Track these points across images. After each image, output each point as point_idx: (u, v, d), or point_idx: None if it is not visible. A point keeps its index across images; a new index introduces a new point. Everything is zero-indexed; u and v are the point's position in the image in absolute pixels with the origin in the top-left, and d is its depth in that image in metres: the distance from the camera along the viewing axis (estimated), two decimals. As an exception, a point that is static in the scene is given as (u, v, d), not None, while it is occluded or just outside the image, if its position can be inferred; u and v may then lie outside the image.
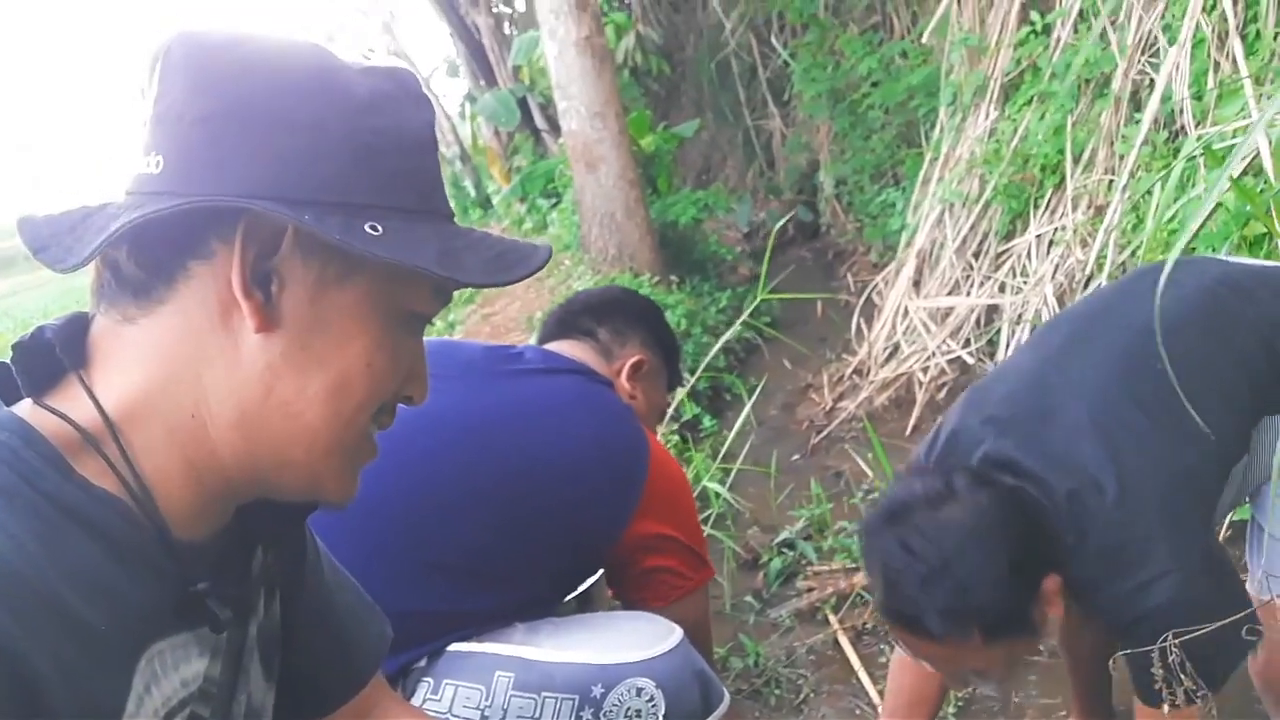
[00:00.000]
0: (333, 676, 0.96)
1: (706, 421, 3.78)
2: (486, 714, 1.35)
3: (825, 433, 3.68)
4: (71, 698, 0.57)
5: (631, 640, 1.41)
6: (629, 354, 1.79)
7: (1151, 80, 2.93)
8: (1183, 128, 2.73)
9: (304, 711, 0.95)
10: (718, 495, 2.73)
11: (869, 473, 3.16)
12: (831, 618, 2.57)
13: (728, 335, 2.96)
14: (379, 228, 0.67)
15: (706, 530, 2.71)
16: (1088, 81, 3.32)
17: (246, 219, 0.66)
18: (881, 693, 2.24)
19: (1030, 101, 3.58)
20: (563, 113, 4.98)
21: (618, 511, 1.54)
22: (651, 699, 1.37)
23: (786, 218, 4.13)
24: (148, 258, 0.67)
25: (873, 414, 3.68)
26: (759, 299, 2.59)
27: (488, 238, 0.76)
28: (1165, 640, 1.16)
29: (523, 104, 7.87)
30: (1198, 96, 2.66)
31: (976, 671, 1.40)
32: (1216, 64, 2.64)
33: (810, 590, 2.69)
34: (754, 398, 3.11)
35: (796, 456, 3.57)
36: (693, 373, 3.93)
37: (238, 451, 0.71)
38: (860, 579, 2.64)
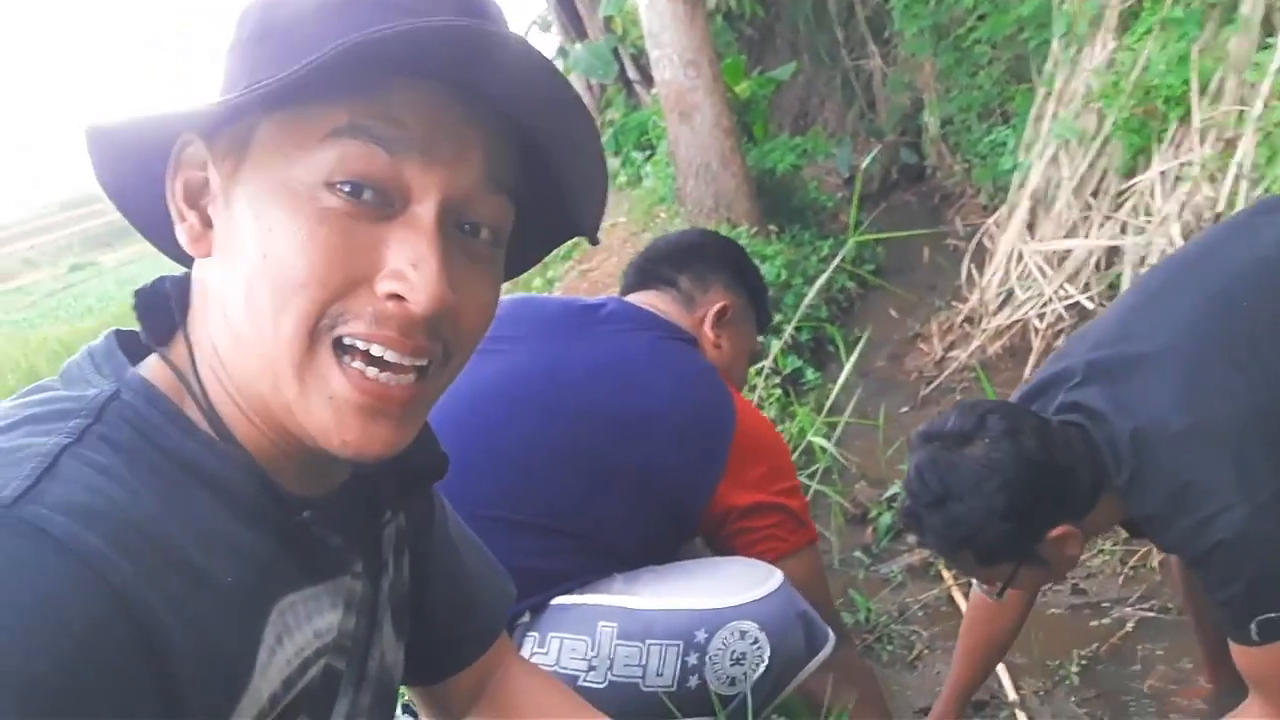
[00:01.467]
0: (460, 636, 0.97)
1: (809, 374, 3.73)
2: (594, 664, 1.36)
3: (935, 384, 3.58)
4: (198, 649, 0.57)
5: (732, 585, 1.41)
6: (712, 300, 1.73)
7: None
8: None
9: (432, 670, 0.97)
10: (823, 450, 2.69)
11: (981, 424, 3.06)
12: (945, 573, 2.52)
13: (820, 281, 2.88)
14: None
15: (813, 486, 2.68)
16: (1214, 6, 3.10)
17: (180, 141, 0.66)
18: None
19: (1151, 30, 3.36)
20: (655, 62, 4.91)
21: (702, 475, 1.51)
22: (755, 641, 1.37)
23: (870, 156, 4.00)
24: (188, 200, 0.68)
25: (986, 363, 3.56)
26: (851, 240, 2.52)
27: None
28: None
29: (614, 55, 7.79)
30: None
31: (980, 578, 1.62)
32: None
33: (922, 545, 2.64)
34: (859, 348, 3.03)
35: (905, 409, 3.50)
36: (797, 327, 3.87)
37: (249, 394, 0.67)
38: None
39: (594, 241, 0.76)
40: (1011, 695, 2.08)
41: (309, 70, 0.57)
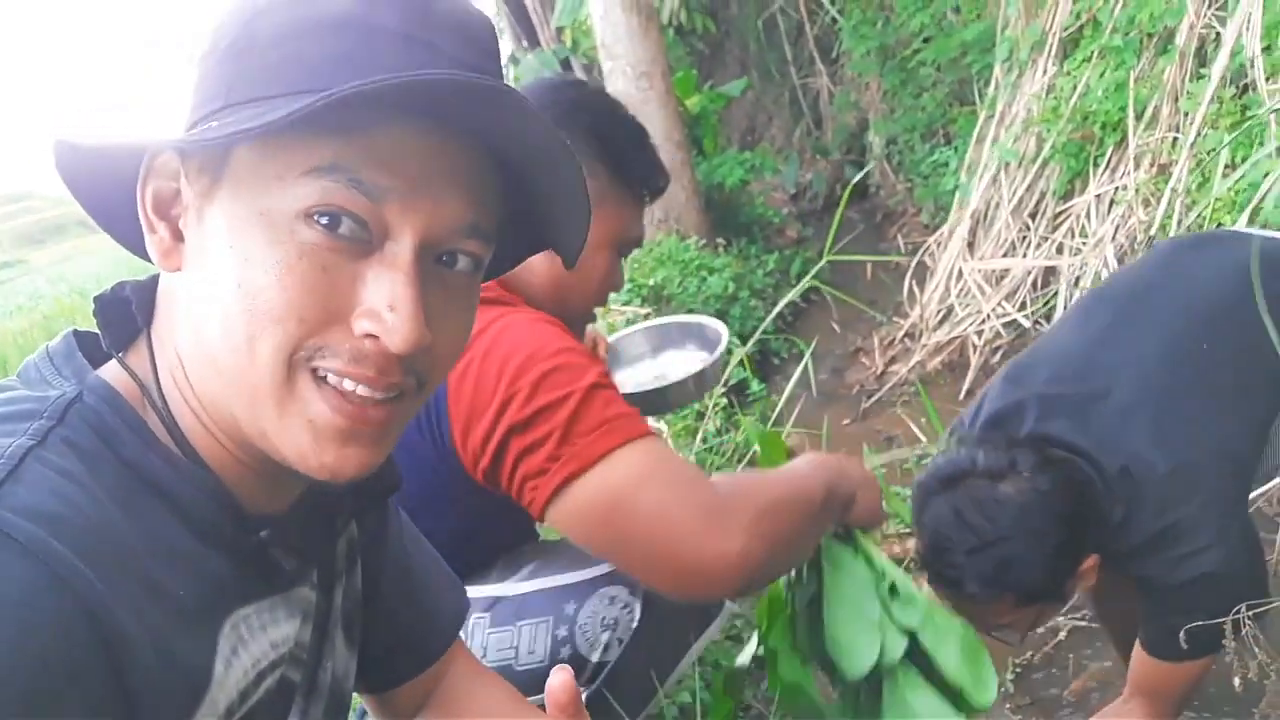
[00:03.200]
0: (412, 645, 0.96)
1: (754, 386, 3.76)
2: None
3: (876, 397, 3.64)
4: (157, 659, 0.57)
5: None
6: None
7: (1218, 34, 2.83)
8: (1252, 83, 2.64)
9: (385, 678, 0.96)
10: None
11: (922, 437, 3.13)
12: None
13: (784, 301, 2.92)
14: (215, 123, 0.61)
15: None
16: (1151, 36, 3.21)
17: (149, 153, 0.65)
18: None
19: (1090, 57, 3.47)
20: (608, 73, 4.93)
21: (425, 422, 1.21)
22: (626, 605, 1.27)
23: (852, 181, 4.05)
24: (158, 211, 0.67)
25: (925, 378, 3.63)
26: (825, 259, 2.54)
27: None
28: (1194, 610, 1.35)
29: (565, 66, 7.80)
30: (1269, 50, 2.57)
31: (1000, 626, 1.49)
32: (1290, 16, 2.55)
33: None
34: (794, 357, 3.07)
35: (847, 421, 3.55)
36: (743, 339, 3.91)
37: (217, 411, 0.66)
38: (914, 544, 2.62)
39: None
40: (948, 702, 2.11)
41: (296, 115, 0.56)
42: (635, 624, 1.28)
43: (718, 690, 1.79)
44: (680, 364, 1.88)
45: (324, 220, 0.60)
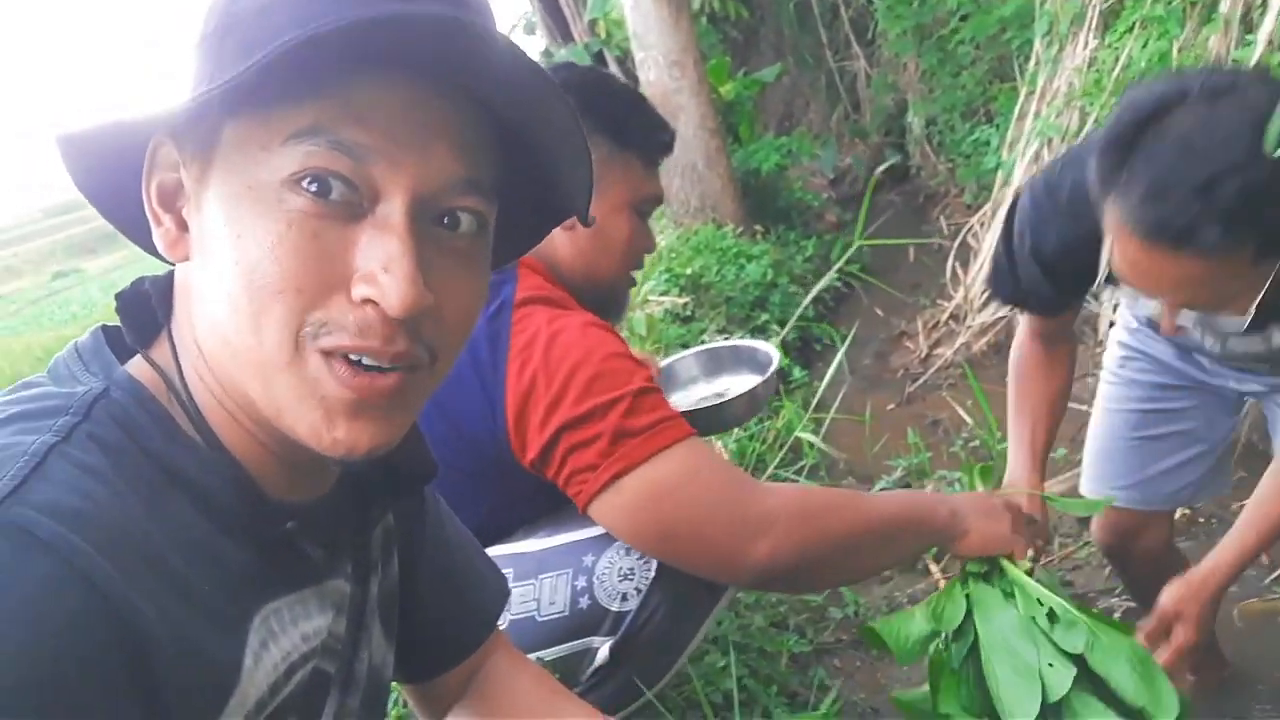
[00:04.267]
0: (452, 635, 0.97)
1: (797, 372, 3.74)
2: None
3: (921, 380, 3.61)
4: (182, 654, 0.57)
5: None
6: None
7: (1265, 3, 2.75)
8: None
9: (424, 668, 0.97)
10: (811, 446, 2.71)
11: (968, 420, 3.09)
12: (933, 567, 2.52)
13: (821, 284, 2.89)
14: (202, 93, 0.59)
15: (800, 482, 2.69)
16: (1194, 4, 3.13)
17: (153, 143, 0.65)
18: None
19: (1132, 28, 3.39)
20: (640, 63, 4.92)
21: (485, 408, 1.26)
22: (643, 556, 1.30)
23: (886, 164, 4.00)
24: (163, 203, 0.67)
25: (971, 360, 3.59)
26: (856, 243, 2.52)
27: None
28: None
29: (599, 58, 7.80)
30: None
31: (1231, 300, 1.19)
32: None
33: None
34: (845, 346, 3.05)
35: (892, 406, 3.52)
36: (781, 324, 3.89)
37: (238, 395, 0.66)
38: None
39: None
40: (999, 686, 2.09)
41: (260, 67, 0.54)
42: (652, 574, 1.30)
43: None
44: (734, 388, 1.90)
45: (311, 186, 0.59)
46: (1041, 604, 1.21)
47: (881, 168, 3.49)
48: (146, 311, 0.70)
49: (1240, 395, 1.63)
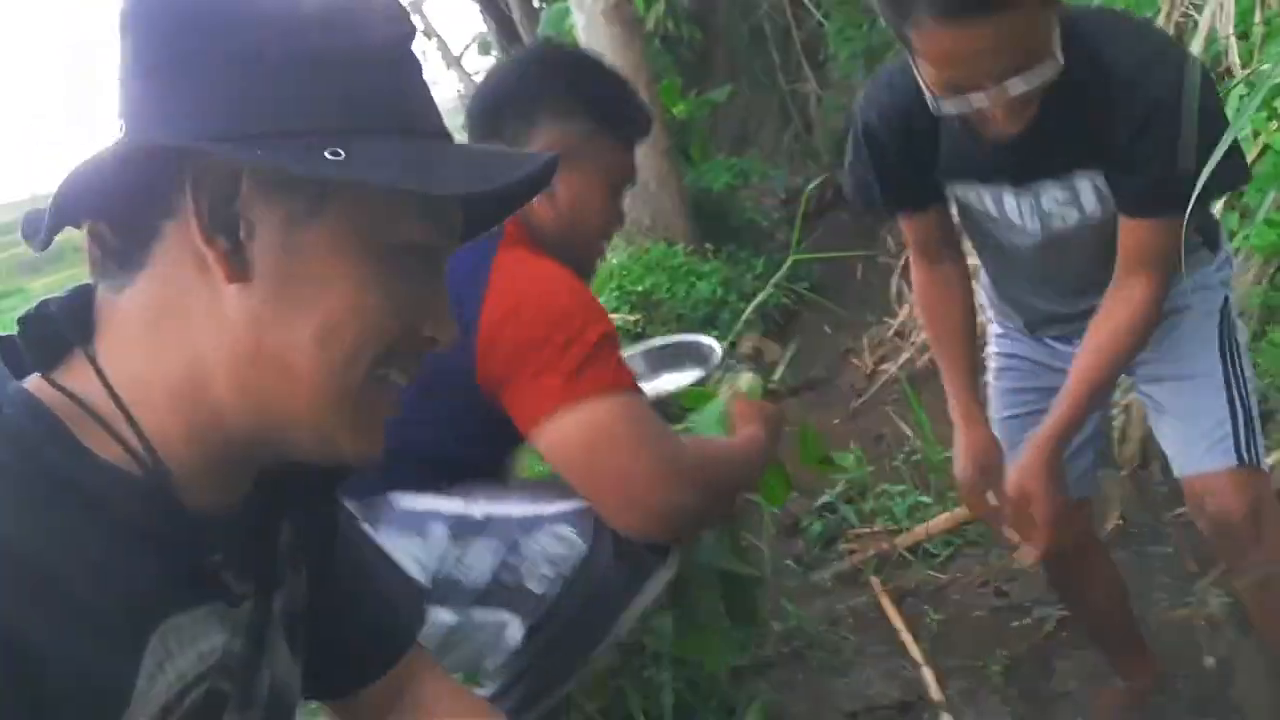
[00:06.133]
0: (368, 649, 0.94)
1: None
2: (423, 563, 1.34)
3: (866, 396, 3.64)
4: (75, 676, 0.56)
5: (563, 492, 1.36)
6: (538, 139, 1.44)
7: (1195, 23, 2.83)
8: (1229, 70, 2.64)
9: (340, 684, 0.94)
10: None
11: (909, 434, 3.12)
12: (873, 580, 2.55)
13: (759, 299, 2.92)
14: (341, 151, 0.62)
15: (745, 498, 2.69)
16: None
17: (194, 165, 0.64)
18: (925, 653, 2.23)
19: (1069, 50, 3.48)
20: (593, 83, 4.95)
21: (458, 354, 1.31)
22: (572, 545, 1.33)
23: (815, 182, 4.07)
24: (122, 224, 0.66)
25: (914, 376, 3.62)
26: (791, 259, 2.56)
27: (478, 149, 0.73)
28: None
29: (554, 77, 7.83)
30: (1243, 36, 2.57)
31: (1032, 59, 1.24)
32: (1263, 1, 2.55)
33: (852, 553, 2.68)
34: (789, 358, 3.08)
35: (837, 421, 3.55)
36: (732, 343, 3.92)
37: (240, 413, 0.68)
38: (902, 540, 2.62)
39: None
40: (937, 697, 2.10)
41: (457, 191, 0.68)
42: (577, 564, 1.33)
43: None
44: (680, 383, 1.90)
45: (422, 252, 0.70)
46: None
47: (813, 184, 3.52)
48: (55, 335, 0.68)
49: None
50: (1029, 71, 1.23)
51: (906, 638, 2.30)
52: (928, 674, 2.17)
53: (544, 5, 8.18)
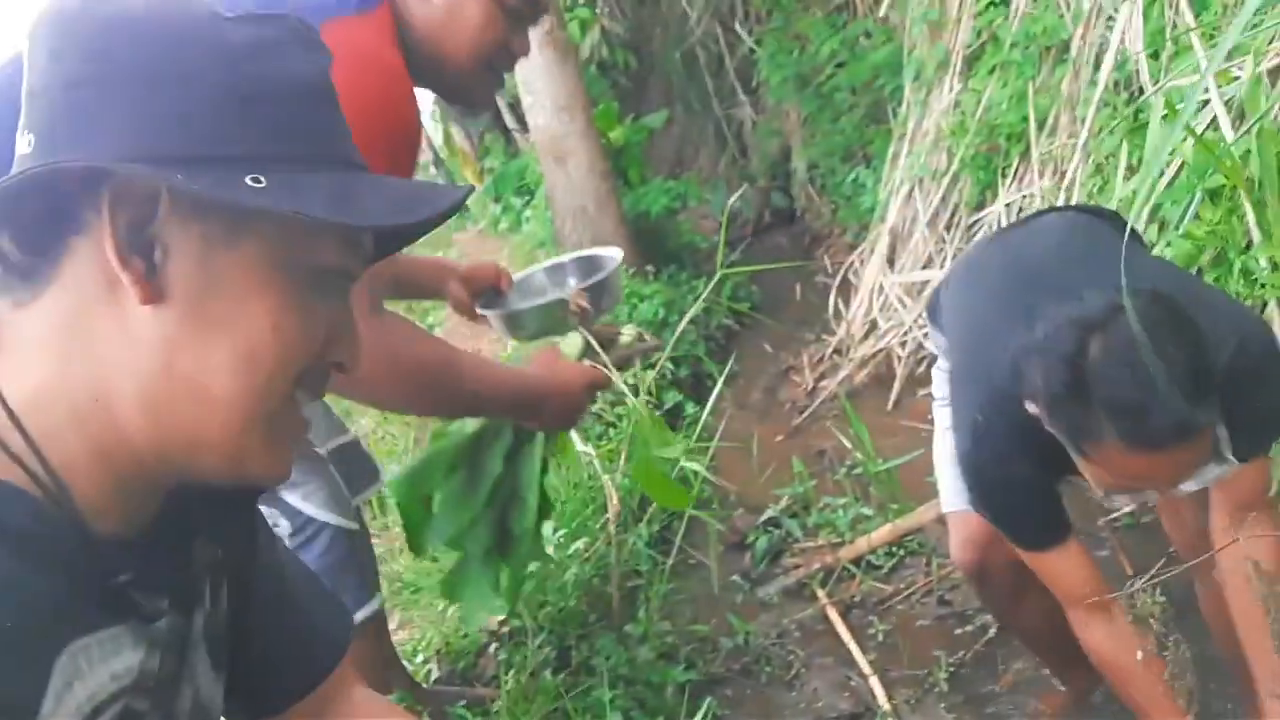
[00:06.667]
0: (292, 667, 0.93)
1: (690, 408, 3.78)
2: None
3: (808, 413, 3.68)
4: None
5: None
6: None
7: (1108, 42, 2.94)
8: (1141, 88, 2.74)
9: (261, 706, 0.93)
10: (696, 474, 2.73)
11: (849, 447, 3.16)
12: (819, 593, 2.57)
13: (690, 313, 2.96)
14: (261, 179, 0.63)
15: (686, 512, 2.69)
16: (1048, 48, 3.33)
17: (111, 184, 0.63)
18: (872, 663, 2.25)
19: (993, 71, 3.58)
20: (528, 108, 4.97)
21: None
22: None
23: (736, 195, 4.13)
24: (27, 239, 0.65)
25: (854, 392, 3.68)
26: (719, 273, 2.59)
27: (399, 182, 0.72)
28: None
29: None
30: (1154, 55, 2.67)
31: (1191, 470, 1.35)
32: (1173, 23, 2.65)
33: (797, 567, 2.70)
34: (727, 378, 3.10)
35: (780, 437, 3.58)
36: (675, 364, 3.93)
37: (148, 434, 0.67)
38: (846, 553, 2.65)
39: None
40: (885, 705, 2.13)
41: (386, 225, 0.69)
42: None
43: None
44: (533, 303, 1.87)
45: (340, 277, 0.71)
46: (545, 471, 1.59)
47: (732, 199, 3.56)
48: None
49: None
50: (1201, 471, 1.36)
51: (854, 649, 2.33)
52: (875, 684, 2.19)
53: (479, 34, 8.20)
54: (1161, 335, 1.19)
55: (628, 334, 1.67)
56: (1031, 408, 1.35)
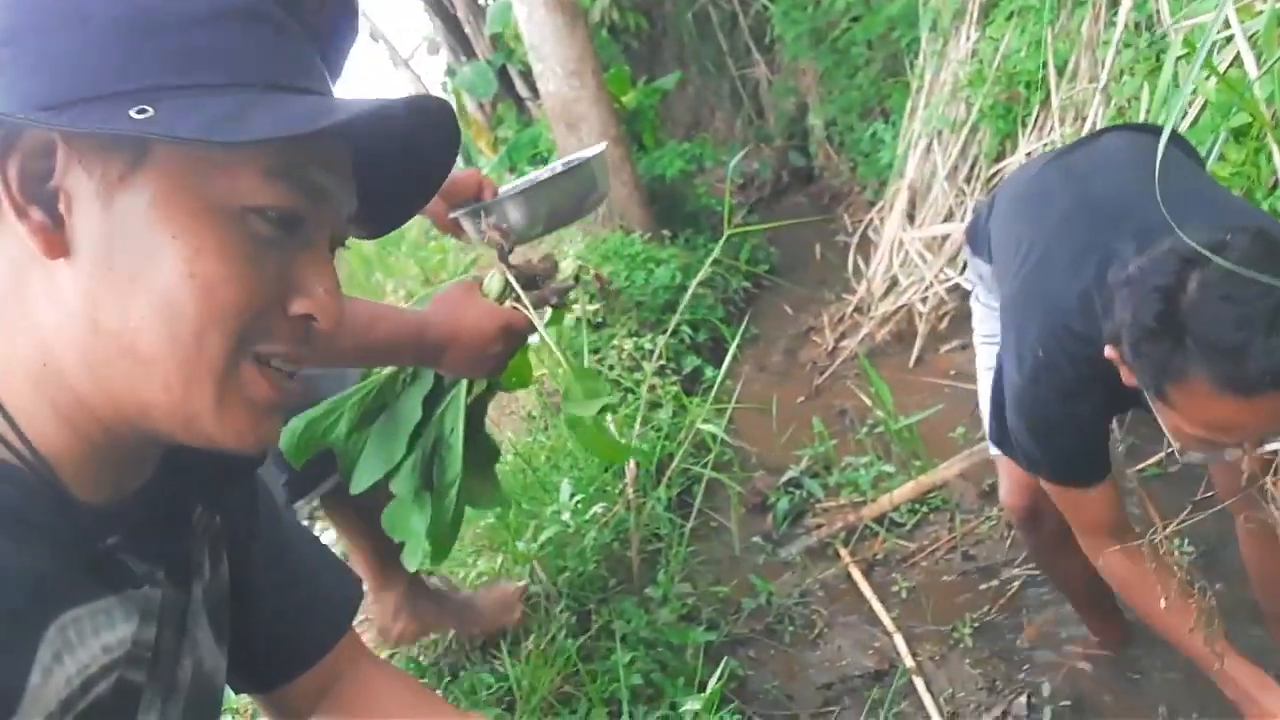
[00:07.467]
0: (298, 637, 0.92)
1: (709, 372, 3.75)
2: None
3: (828, 373, 3.65)
4: None
5: None
6: None
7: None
8: (1164, 31, 2.66)
9: (271, 673, 0.92)
10: (714, 437, 2.71)
11: (870, 406, 3.13)
12: (842, 551, 2.55)
13: (699, 275, 2.92)
14: (149, 109, 0.58)
15: (706, 474, 2.67)
16: (1065, -10, 3.24)
17: (3, 137, 0.60)
18: (895, 620, 2.23)
19: (1010, 17, 3.50)
20: (539, 75, 4.91)
21: None
22: None
23: (739, 156, 4.07)
24: (27, 193, 0.62)
25: (875, 350, 3.64)
26: (726, 234, 2.55)
27: (329, 100, 0.66)
28: None
29: (503, 73, 7.78)
30: (1176, -8, 2.59)
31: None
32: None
33: (819, 527, 2.68)
34: (747, 341, 3.07)
35: (801, 398, 3.54)
36: (693, 326, 3.90)
37: (100, 397, 0.64)
38: (868, 511, 2.63)
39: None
40: (909, 662, 2.11)
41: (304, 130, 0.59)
42: None
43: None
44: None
45: (274, 218, 0.64)
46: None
47: (737, 157, 3.51)
48: None
49: None
50: None
51: (877, 607, 2.31)
52: (899, 641, 2.17)
53: (489, 2, 8.14)
54: (1266, 275, 1.09)
55: (567, 267, 1.45)
56: (1108, 349, 1.26)
